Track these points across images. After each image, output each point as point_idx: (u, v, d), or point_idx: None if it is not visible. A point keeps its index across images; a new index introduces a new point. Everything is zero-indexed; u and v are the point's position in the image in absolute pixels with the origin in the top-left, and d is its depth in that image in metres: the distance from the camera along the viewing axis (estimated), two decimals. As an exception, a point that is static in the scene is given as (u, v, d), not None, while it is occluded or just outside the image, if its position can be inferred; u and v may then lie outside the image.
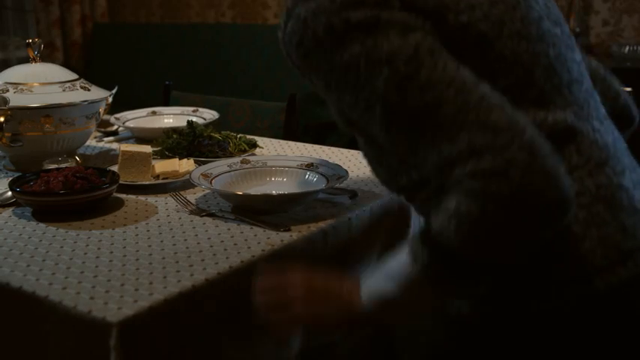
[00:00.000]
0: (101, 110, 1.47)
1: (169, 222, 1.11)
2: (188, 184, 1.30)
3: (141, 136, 1.70)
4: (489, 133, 0.70)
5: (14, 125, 1.34)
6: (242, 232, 1.06)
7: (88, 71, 4.25)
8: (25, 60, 4.53)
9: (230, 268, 0.93)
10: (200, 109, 1.82)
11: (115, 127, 1.77)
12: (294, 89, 3.44)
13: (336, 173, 1.25)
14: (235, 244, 1.01)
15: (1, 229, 1.08)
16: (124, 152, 1.29)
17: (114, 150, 1.62)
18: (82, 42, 4.34)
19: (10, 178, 1.25)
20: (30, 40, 1.48)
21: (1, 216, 1.14)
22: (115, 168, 1.35)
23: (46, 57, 4.20)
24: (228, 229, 1.07)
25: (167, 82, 2.08)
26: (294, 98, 1.76)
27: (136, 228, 1.08)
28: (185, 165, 1.35)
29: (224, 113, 1.80)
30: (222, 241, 1.02)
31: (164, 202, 1.21)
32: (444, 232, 0.74)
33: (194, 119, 1.76)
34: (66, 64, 4.38)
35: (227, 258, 0.96)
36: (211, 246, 1.00)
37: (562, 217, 0.73)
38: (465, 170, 0.70)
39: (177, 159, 1.37)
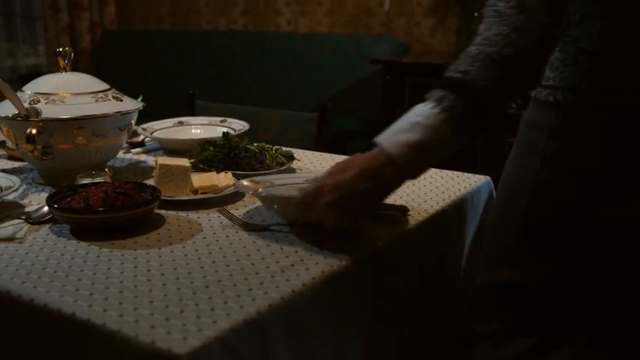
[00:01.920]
0: (133, 122, 1.42)
1: (217, 240, 1.05)
2: (229, 198, 1.25)
3: (170, 148, 1.65)
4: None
5: (45, 137, 1.28)
6: (297, 252, 1.00)
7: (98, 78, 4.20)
8: (33, 68, 4.53)
9: (293, 292, 0.87)
10: (228, 120, 1.77)
11: (142, 138, 1.71)
12: (310, 97, 3.41)
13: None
14: (292, 265, 0.95)
15: (41, 249, 1.02)
16: (162, 166, 1.24)
17: (144, 162, 1.56)
18: (91, 49, 4.29)
19: (43, 193, 1.19)
20: (60, 49, 1.42)
21: (38, 234, 1.09)
22: (150, 181, 1.30)
23: (54, 64, 4.16)
24: (282, 248, 1.02)
25: (191, 92, 2.03)
26: (327, 108, 1.71)
27: (184, 247, 1.02)
28: (224, 179, 1.29)
29: (252, 123, 1.74)
30: (278, 262, 0.96)
31: (207, 219, 1.16)
32: (463, 69, 0.90)
33: (223, 130, 1.72)
34: (75, 71, 4.33)
35: (287, 281, 0.90)
36: (267, 267, 0.95)
37: None
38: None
39: (215, 172, 1.31)
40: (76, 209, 1.08)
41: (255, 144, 1.48)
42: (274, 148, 1.47)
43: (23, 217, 1.14)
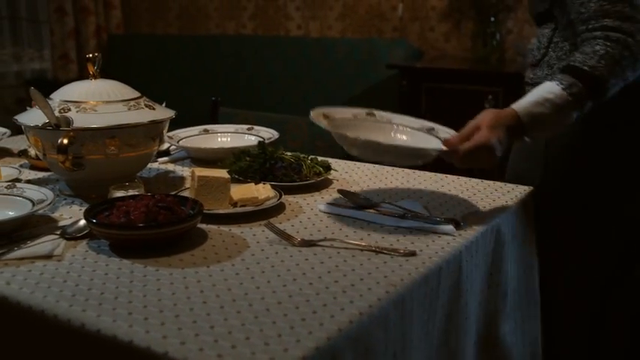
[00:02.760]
0: (164, 131, 1.36)
1: (267, 257, 1.00)
2: (271, 211, 1.19)
3: (197, 157, 1.60)
4: (634, 10, 1.15)
5: (76, 147, 1.23)
6: (354, 270, 0.95)
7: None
8: (38, 73, 4.46)
9: (360, 315, 0.82)
10: (255, 128, 1.71)
11: (167, 147, 1.66)
12: (323, 103, 3.36)
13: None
14: (353, 285, 0.90)
15: (83, 267, 0.96)
16: (201, 178, 1.18)
17: (172, 172, 1.51)
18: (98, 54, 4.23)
19: (74, 206, 1.14)
20: (90, 55, 1.36)
21: (76, 251, 1.03)
22: (185, 193, 1.25)
23: (59, 69, 4.10)
24: (336, 266, 0.97)
25: (214, 98, 1.97)
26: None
27: (233, 265, 0.97)
28: (263, 191, 1.24)
29: (279, 131, 1.69)
30: (337, 281, 0.91)
31: (251, 233, 1.10)
32: (592, 64, 1.15)
33: (250, 138, 1.66)
34: (80, 76, 4.27)
35: (351, 302, 0.85)
36: (327, 287, 0.89)
37: None
38: (609, 22, 1.15)
39: (254, 184, 1.26)
40: (117, 225, 1.02)
41: (288, 153, 1.43)
42: (309, 158, 1.42)
43: (58, 233, 1.08)
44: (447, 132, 1.29)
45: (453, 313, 1.04)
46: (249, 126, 1.72)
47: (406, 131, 1.34)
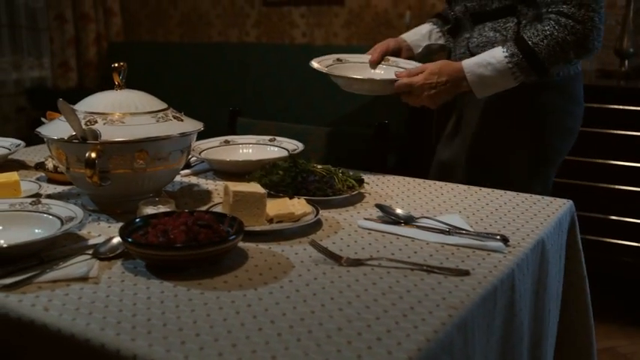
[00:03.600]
0: (192, 144, 1.31)
1: (315, 278, 0.95)
2: (308, 229, 1.14)
3: (221, 169, 1.54)
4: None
5: (103, 161, 1.17)
6: (409, 291, 0.90)
7: (104, 91, 4.07)
8: (38, 81, 4.39)
9: (427, 342, 0.77)
10: (278, 139, 1.67)
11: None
12: (330, 111, 3.31)
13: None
14: (412, 308, 0.85)
15: (122, 290, 0.91)
16: (236, 193, 1.13)
17: (196, 185, 1.45)
18: (97, 62, 4.17)
19: (102, 223, 1.08)
20: (115, 65, 1.31)
21: (111, 272, 0.97)
22: (217, 209, 1.20)
23: (59, 77, 4.03)
24: (390, 287, 0.92)
25: (232, 108, 1.92)
26: (385, 126, 1.61)
27: (282, 288, 0.92)
28: (298, 206, 1.19)
29: (300, 142, 1.65)
30: (394, 304, 0.86)
31: (292, 252, 1.05)
32: (536, 41, 1.36)
33: (273, 149, 1.62)
34: (80, 84, 4.20)
35: (415, 327, 0.80)
36: (385, 311, 0.84)
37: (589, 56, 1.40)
38: (565, 9, 1.33)
39: (288, 199, 1.21)
40: (155, 244, 0.97)
41: (319, 166, 1.38)
42: (340, 171, 1.37)
43: (90, 252, 1.03)
44: (407, 63, 1.63)
45: (508, 334, 1.00)
46: (271, 137, 1.68)
47: (382, 67, 1.67)
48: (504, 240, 1.09)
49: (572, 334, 1.31)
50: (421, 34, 1.75)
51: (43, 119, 1.71)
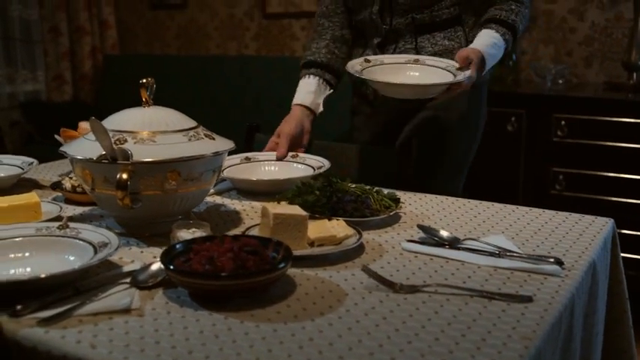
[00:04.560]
0: (223, 163, 1.26)
1: (373, 307, 0.90)
2: (352, 253, 1.09)
3: (245, 189, 1.49)
4: None
5: (134, 182, 1.11)
6: (475, 320, 0.85)
7: (99, 105, 4.00)
8: (32, 94, 4.30)
9: (512, 380, 0.72)
10: (301, 155, 1.62)
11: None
12: (335, 125, 3.27)
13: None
14: (484, 340, 0.80)
15: (171, 324, 0.85)
16: (277, 216, 1.08)
17: (223, 206, 1.40)
18: (93, 75, 4.10)
19: (134, 247, 1.02)
20: (144, 80, 1.25)
21: (154, 302, 0.91)
22: (254, 231, 1.14)
23: (53, 90, 3.94)
24: (454, 317, 0.87)
25: (250, 124, 1.87)
26: (411, 141, 1.57)
27: (340, 318, 0.86)
28: (339, 228, 1.14)
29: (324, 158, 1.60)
30: (464, 335, 0.81)
31: (340, 278, 1.00)
32: (513, 19, 1.58)
33: (299, 167, 1.57)
34: (75, 98, 4.12)
35: (494, 363, 0.75)
36: (457, 343, 0.79)
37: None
38: None
39: (327, 220, 1.16)
40: (202, 273, 0.91)
41: (352, 185, 1.33)
42: (375, 190, 1.33)
43: (127, 281, 0.97)
44: (435, 61, 1.60)
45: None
46: (293, 153, 1.62)
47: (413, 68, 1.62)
48: (559, 263, 1.05)
49: (613, 358, 1.27)
50: (312, 92, 1.73)
51: (57, 137, 1.65)
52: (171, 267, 0.92)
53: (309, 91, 1.72)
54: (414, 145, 1.57)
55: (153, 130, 1.17)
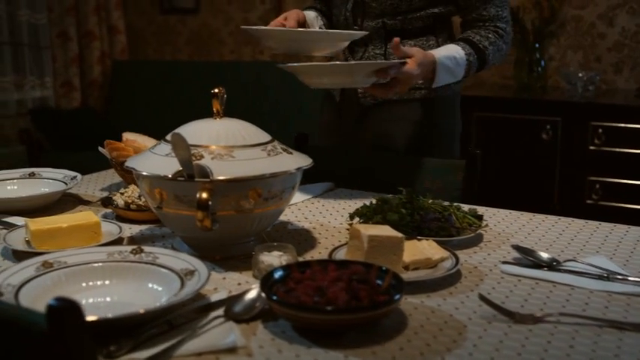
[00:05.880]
0: (298, 180, 1.17)
1: (500, 341, 0.82)
2: (452, 278, 1.01)
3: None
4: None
5: (212, 202, 1.02)
6: (617, 355, 0.78)
7: (108, 111, 3.90)
8: (40, 101, 4.16)
9: None
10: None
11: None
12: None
13: None
14: (641, 381, 0.73)
15: (286, 364, 0.76)
16: (372, 238, 0.99)
17: (289, 224, 1.31)
18: (102, 81, 3.99)
19: (214, 272, 0.94)
20: (216, 90, 1.17)
21: (257, 338, 0.82)
22: (339, 254, 1.06)
23: (62, 97, 3.83)
24: (593, 350, 0.79)
25: (298, 134, 1.79)
26: (476, 155, 1.49)
27: (471, 355, 0.78)
28: (432, 250, 1.06)
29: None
30: (618, 376, 0.74)
31: (450, 306, 0.92)
32: (485, 45, 1.53)
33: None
34: (84, 104, 4.01)
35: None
36: (614, 386, 0.72)
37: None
38: (500, 25, 1.55)
39: (417, 241, 1.08)
40: (313, 307, 0.82)
41: (430, 201, 1.25)
42: (454, 205, 1.25)
43: (222, 314, 0.88)
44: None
45: None
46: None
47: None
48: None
49: None
50: (310, 17, 1.68)
51: (100, 149, 1.56)
52: (275, 298, 0.84)
53: (307, 14, 1.67)
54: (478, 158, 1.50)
55: (229, 145, 1.08)
